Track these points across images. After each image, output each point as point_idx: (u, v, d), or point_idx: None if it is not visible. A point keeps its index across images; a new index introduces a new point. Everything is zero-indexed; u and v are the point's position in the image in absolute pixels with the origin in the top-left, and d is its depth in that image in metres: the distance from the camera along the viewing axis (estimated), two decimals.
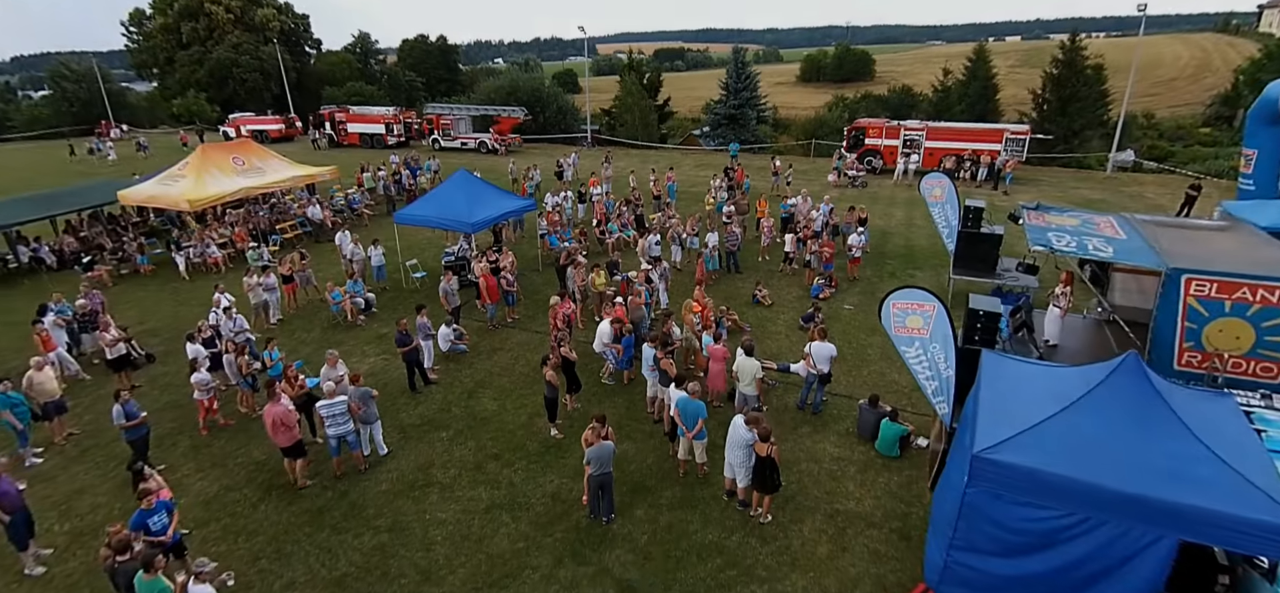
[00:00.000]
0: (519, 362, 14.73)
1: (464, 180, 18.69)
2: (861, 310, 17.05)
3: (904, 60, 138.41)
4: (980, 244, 16.62)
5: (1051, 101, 44.73)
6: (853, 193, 30.01)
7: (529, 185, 29.23)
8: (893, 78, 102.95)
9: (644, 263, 18.20)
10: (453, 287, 15.41)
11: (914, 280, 19.00)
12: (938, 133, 32.43)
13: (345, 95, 71.66)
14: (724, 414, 12.15)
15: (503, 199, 19.10)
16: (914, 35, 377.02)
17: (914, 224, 25.10)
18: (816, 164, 38.48)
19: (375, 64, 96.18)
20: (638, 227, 23.20)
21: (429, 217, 18.27)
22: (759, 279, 18.93)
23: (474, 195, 18.19)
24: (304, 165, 26.62)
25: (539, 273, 20.30)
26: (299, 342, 16.16)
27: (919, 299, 9.99)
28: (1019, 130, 31.05)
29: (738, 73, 53.50)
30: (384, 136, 47.22)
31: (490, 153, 43.54)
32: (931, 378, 9.64)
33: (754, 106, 54.61)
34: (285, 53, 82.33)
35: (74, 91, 71.29)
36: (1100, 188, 30.75)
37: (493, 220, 18.26)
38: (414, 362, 13.30)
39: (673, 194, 26.37)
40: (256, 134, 54.30)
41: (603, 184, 28.74)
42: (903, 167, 31.46)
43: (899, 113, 76.54)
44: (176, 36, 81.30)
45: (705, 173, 35.50)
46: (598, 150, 45.15)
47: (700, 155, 43.87)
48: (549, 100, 53.28)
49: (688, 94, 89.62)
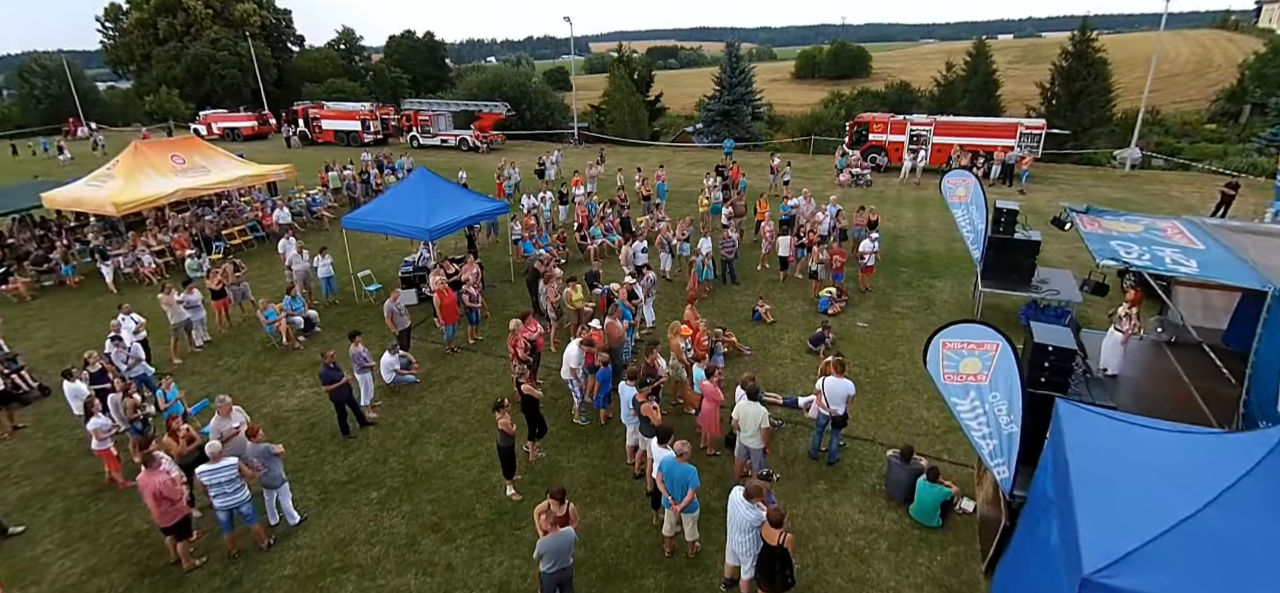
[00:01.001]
0: (477, 395, 12.44)
1: (423, 180, 16.36)
2: (877, 328, 14.82)
3: (899, 57, 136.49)
4: (1013, 251, 14.41)
5: (1061, 96, 42.71)
6: (857, 192, 27.81)
7: (506, 185, 26.92)
8: (889, 74, 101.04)
9: (627, 274, 15.95)
10: (399, 307, 13.06)
11: (933, 291, 16.84)
12: (947, 128, 30.28)
13: (326, 92, 69.20)
14: (720, 467, 9.90)
15: (468, 201, 16.79)
16: (907, 34, 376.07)
17: (927, 227, 22.91)
18: (816, 161, 36.29)
19: (359, 61, 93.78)
20: (623, 231, 20.93)
21: (379, 222, 15.95)
22: (760, 292, 16.70)
23: (434, 197, 15.86)
24: (256, 164, 24.21)
25: (511, 283, 18.00)
26: (222, 371, 13.81)
27: (976, 336, 7.70)
28: (1034, 125, 28.92)
29: (732, 68, 51.32)
30: (360, 134, 44.78)
31: (471, 150, 41.17)
32: (989, 436, 7.42)
33: (749, 102, 52.44)
34: (266, 48, 79.86)
35: (43, 89, 68.44)
36: (1121, 187, 28.66)
37: (454, 226, 15.94)
38: (345, 401, 10.99)
39: (662, 195, 24.10)
40: (228, 131, 51.99)
41: (587, 183, 26.46)
42: (910, 164, 29.27)
43: (898, 109, 74.97)
44: (153, 32, 78.68)
45: (698, 171, 33.25)
46: (585, 149, 42.84)
47: (693, 153, 41.65)
48: (535, 96, 50.86)
49: (680, 91, 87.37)
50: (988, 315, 14.83)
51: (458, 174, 29.10)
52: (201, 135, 53.31)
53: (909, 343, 14.06)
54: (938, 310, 15.70)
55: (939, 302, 16.21)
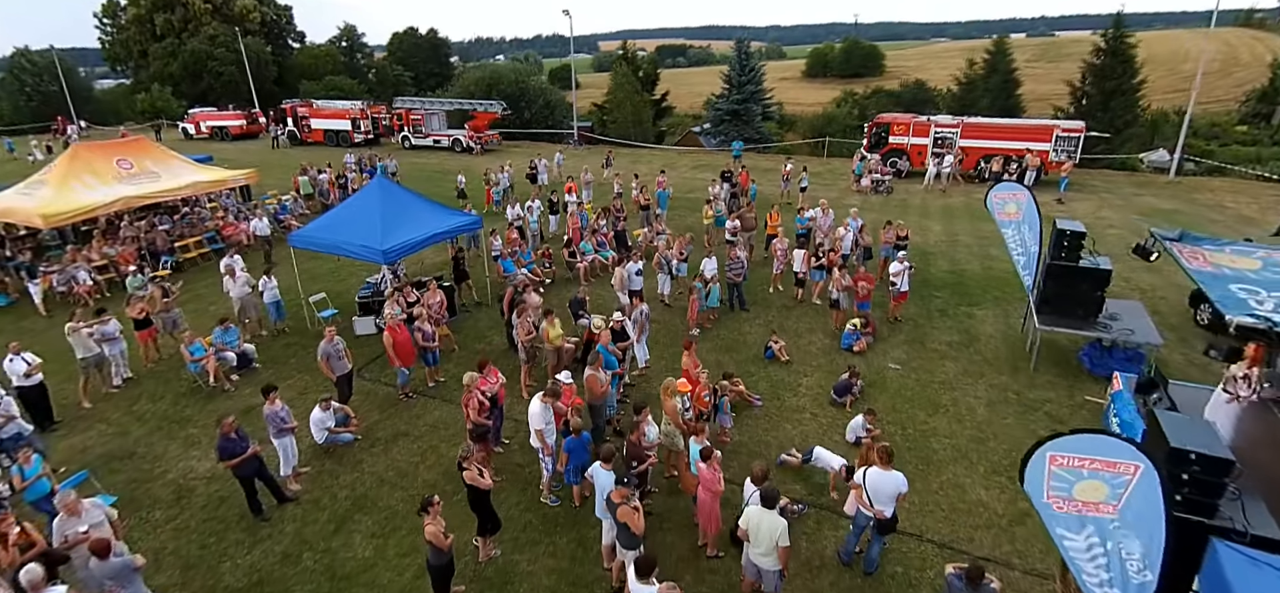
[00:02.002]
0: (428, 458, 10.20)
1: (379, 192, 14.12)
2: (913, 370, 12.49)
3: (912, 56, 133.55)
4: (1078, 281, 12.04)
5: (1092, 95, 40.10)
6: (878, 200, 25.44)
7: (495, 191, 24.69)
8: (903, 72, 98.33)
9: (621, 297, 13.68)
10: (337, 348, 10.81)
11: (973, 322, 14.47)
12: (975, 130, 27.83)
13: (324, 89, 67.38)
14: (724, 575, 7.63)
15: (432, 216, 14.51)
16: (918, 33, 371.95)
17: (958, 241, 20.51)
18: (831, 165, 33.87)
19: (361, 58, 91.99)
20: (618, 246, 18.66)
21: (328, 241, 13.72)
22: (773, 326, 14.38)
23: (392, 212, 13.62)
24: (216, 169, 22.10)
25: (488, 308, 15.75)
26: (133, 421, 11.63)
27: (1104, 452, 5.31)
28: (1072, 127, 26.42)
29: (741, 66, 48.95)
30: (350, 134, 42.68)
31: (465, 151, 38.98)
32: (1108, 584, 5.12)
33: (759, 101, 50.05)
34: (265, 45, 78.18)
35: (34, 86, 66.79)
36: (1168, 196, 26.13)
37: (414, 246, 13.67)
38: (252, 476, 8.77)
39: (664, 204, 21.78)
40: (217, 130, 50.12)
41: (583, 191, 24.22)
42: (934, 169, 26.84)
43: (913, 108, 72.36)
44: (150, 29, 77.16)
45: (704, 176, 30.92)
46: (585, 150, 40.58)
47: (698, 155, 39.29)
48: (534, 94, 48.58)
49: (688, 90, 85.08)
50: (1043, 354, 12.49)
51: (456, 178, 26.85)
52: (190, 134, 51.68)
53: (953, 392, 11.72)
54: (983, 348, 13.34)
55: (983, 337, 13.84)
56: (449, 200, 27.49)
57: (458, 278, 15.66)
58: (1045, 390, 11.75)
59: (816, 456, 9.37)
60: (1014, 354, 13.04)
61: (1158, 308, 14.66)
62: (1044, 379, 12.09)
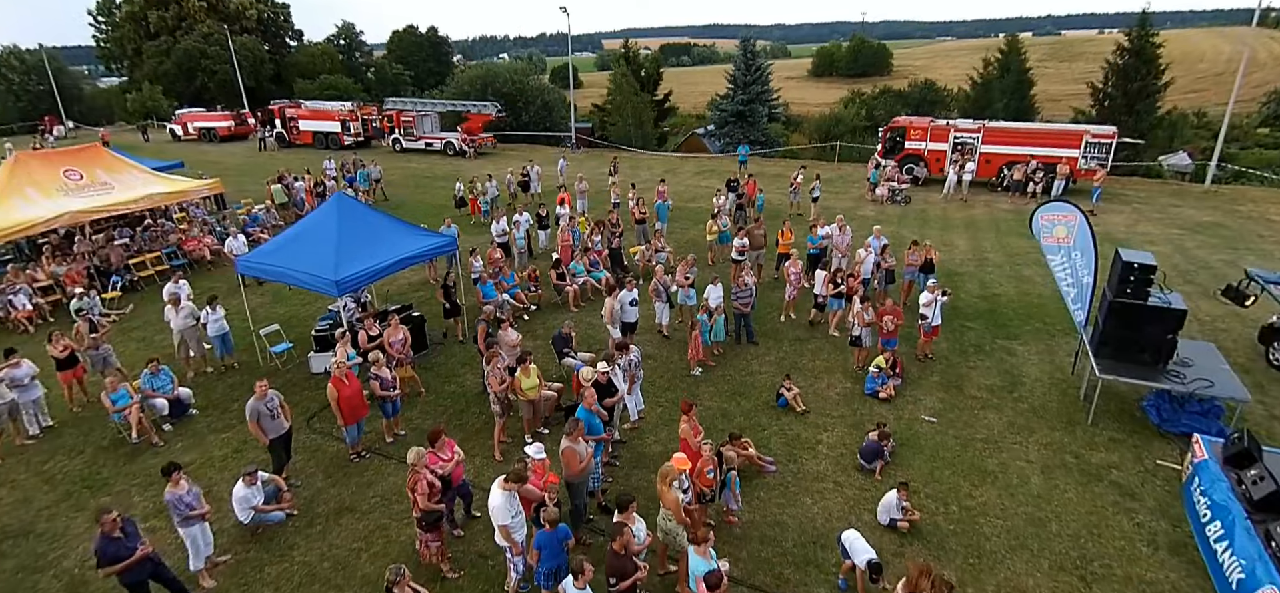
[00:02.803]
0: (373, 542, 8.47)
1: (336, 209, 12.37)
2: (950, 424, 10.73)
3: (918, 55, 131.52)
4: (1146, 322, 10.26)
5: (1115, 97, 38.22)
6: (895, 211, 23.65)
7: (482, 201, 22.97)
8: (910, 72, 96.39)
9: (612, 334, 11.96)
10: (271, 404, 9.09)
11: (1014, 360, 12.71)
12: (997, 135, 25.99)
13: (319, 89, 65.89)
14: None
15: (399, 238, 12.75)
16: (923, 32, 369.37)
17: (986, 259, 18.72)
18: (843, 171, 32.04)
19: (360, 57, 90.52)
20: (613, 266, 16.94)
21: (276, 268, 12.01)
22: (785, 364, 12.64)
23: (350, 234, 11.90)
24: (179, 179, 20.46)
25: (462, 344, 14.00)
26: (40, 483, 9.94)
27: None
28: (1103, 132, 24.57)
29: (747, 65, 47.16)
30: (339, 136, 41.00)
31: (457, 155, 37.26)
32: None
33: (765, 102, 48.25)
34: (261, 43, 76.78)
35: (22, 84, 65.39)
36: (1207, 207, 24.27)
37: (375, 274, 11.96)
38: (148, 580, 7.08)
39: (664, 217, 19.99)
40: (204, 131, 48.53)
41: (578, 200, 22.48)
42: (955, 177, 25.02)
43: (923, 110, 70.40)
44: (144, 27, 75.76)
45: (708, 183, 29.17)
46: (583, 154, 38.84)
47: (702, 161, 37.48)
48: (532, 94, 46.80)
49: (692, 89, 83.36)
50: (1101, 403, 10.73)
51: (454, 186, 25.02)
52: (178, 136, 50.10)
53: (1000, 452, 9.97)
54: (1028, 393, 11.58)
55: (1027, 379, 12.06)
56: (437, 209, 25.88)
57: (450, 311, 13.88)
58: (1108, 451, 9.99)
59: (849, 544, 7.62)
60: (1066, 402, 11.27)
61: (1219, 343, 12.87)
62: (1105, 436, 10.33)
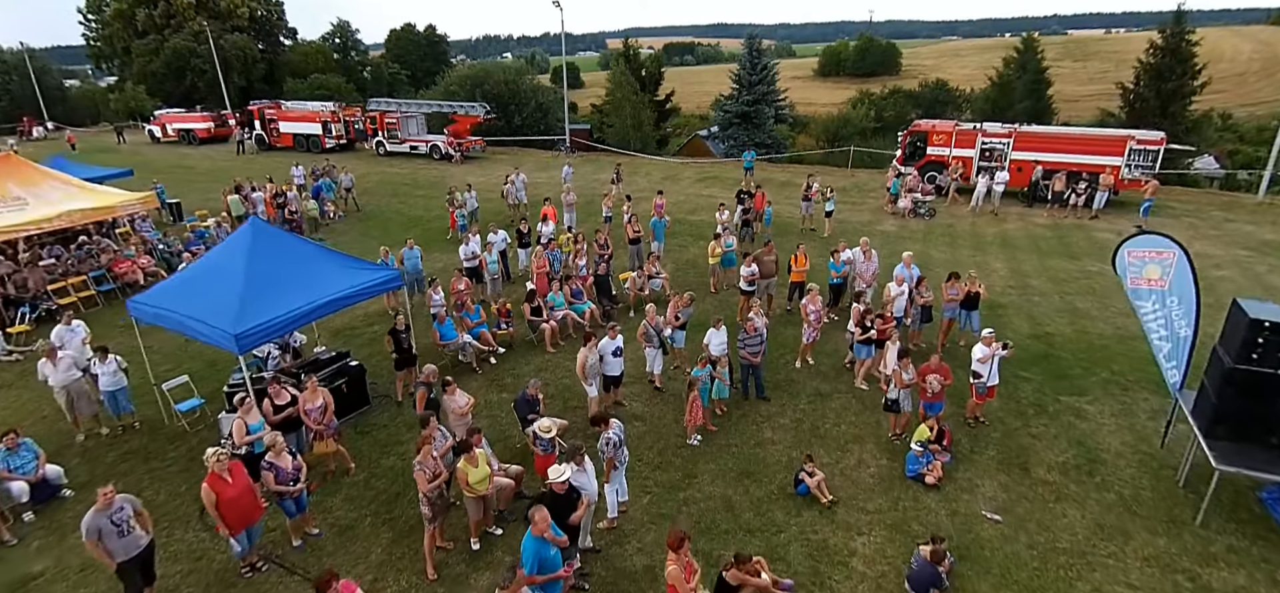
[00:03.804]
0: None
1: (251, 238, 10.01)
2: (1020, 522, 8.31)
3: (926, 55, 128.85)
4: (1274, 396, 7.87)
5: (1148, 98, 35.67)
6: (919, 226, 21.21)
7: (460, 214, 20.61)
8: (920, 71, 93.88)
9: (587, 392, 9.63)
10: (121, 515, 6.73)
11: (1086, 425, 10.32)
12: (1029, 140, 23.54)
13: (309, 88, 63.81)
14: None
15: (329, 274, 10.38)
16: (928, 31, 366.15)
17: (1029, 285, 16.30)
18: (858, 179, 29.57)
19: (355, 56, 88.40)
20: (598, 296, 14.55)
21: (171, 314, 9.64)
22: (804, 433, 10.25)
23: (267, 271, 9.57)
24: (109, 191, 18.17)
25: (401, 407, 11.55)
26: None
27: None
28: (1149, 138, 22.10)
29: (752, 64, 44.74)
30: (321, 138, 38.71)
31: (444, 159, 34.91)
32: None
33: (771, 102, 45.80)
34: (253, 42, 74.75)
35: (2, 85, 63.37)
36: (1267, 223, 21.72)
37: (291, 323, 9.61)
38: None
39: (660, 235, 17.53)
40: (183, 133, 46.36)
41: (567, 215, 20.13)
42: (984, 187, 22.55)
43: (934, 110, 67.86)
44: (133, 25, 73.76)
45: (710, 192, 26.77)
46: (579, 158, 36.46)
47: (704, 166, 35.00)
48: (526, 95, 44.42)
49: (696, 88, 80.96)
50: (1225, 509, 8.31)
51: (461, 195, 21.42)
52: (157, 137, 47.90)
53: (1091, 570, 7.57)
54: (1112, 475, 9.17)
55: (1108, 454, 9.65)
56: (412, 222, 23.56)
57: (400, 362, 11.45)
58: (1230, 569, 7.59)
59: None
60: (1162, 489, 8.87)
61: None
62: (1222, 543, 7.94)
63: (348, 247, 20.62)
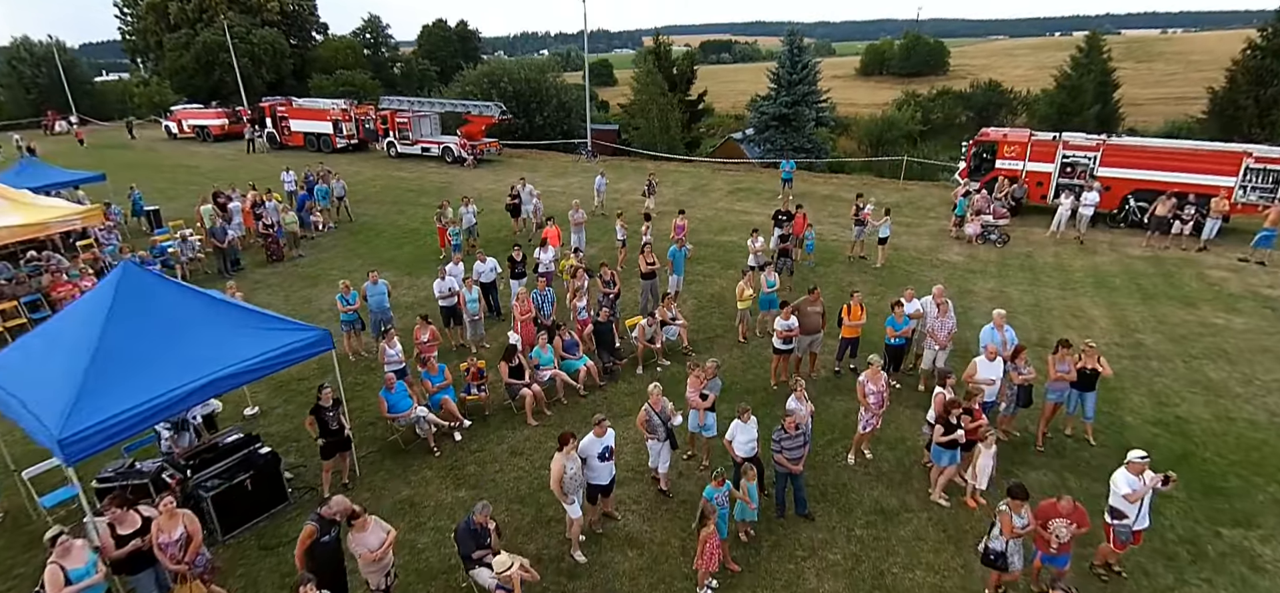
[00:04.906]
0: None
1: (112, 295, 7.43)
2: None
3: (975, 54, 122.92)
4: None
5: (1244, 106, 31.51)
6: (992, 256, 17.93)
7: (453, 232, 17.98)
8: (969, 71, 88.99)
9: (568, 513, 6.88)
10: None
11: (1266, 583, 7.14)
12: (1121, 154, 19.98)
13: (335, 84, 62.47)
14: None
15: (218, 341, 7.75)
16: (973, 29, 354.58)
17: (1141, 345, 12.96)
18: (910, 192, 26.15)
19: (385, 51, 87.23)
20: (598, 348, 11.71)
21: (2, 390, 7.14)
22: (866, 586, 7.32)
23: (124, 339, 7.01)
24: (51, 205, 15.98)
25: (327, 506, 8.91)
26: None
27: None
28: (1272, 156, 18.42)
29: (792, 62, 41.46)
30: (332, 137, 36.67)
31: (456, 162, 32.48)
32: None
33: (812, 103, 42.46)
34: (282, 36, 73.92)
35: (32, 77, 63.27)
36: None
37: (154, 414, 7.01)
38: None
39: (679, 267, 14.51)
40: (198, 129, 44.98)
41: (574, 236, 17.38)
42: (1067, 208, 19.11)
43: (987, 113, 63.35)
44: (165, 18, 73.63)
45: (743, 207, 23.73)
46: (600, 163, 33.70)
47: (737, 174, 31.77)
48: (547, 94, 41.78)
49: (730, 87, 77.64)
50: None
51: (455, 210, 18.96)
52: (174, 133, 46.66)
53: None
54: None
55: None
56: (408, 234, 21.10)
57: (327, 449, 8.69)
58: None
59: None
60: None
61: None
62: None
63: (327, 265, 18.24)
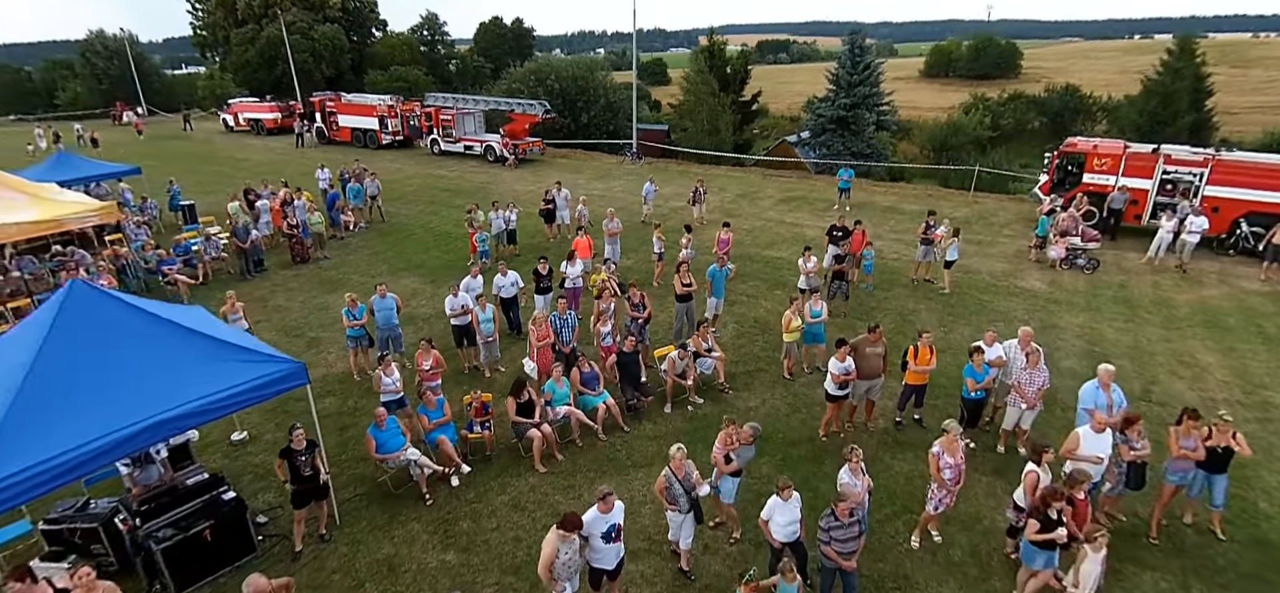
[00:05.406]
0: None
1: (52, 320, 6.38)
2: None
3: (1048, 56, 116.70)
4: None
5: None
6: (1079, 284, 15.79)
7: (480, 238, 16.86)
8: (1042, 74, 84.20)
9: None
10: None
11: None
12: (1234, 171, 17.47)
13: (389, 80, 63.11)
14: None
15: (173, 369, 6.62)
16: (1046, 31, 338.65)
17: (1272, 409, 10.81)
18: (981, 205, 23.86)
19: (442, 48, 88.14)
20: (622, 381, 10.31)
21: None
22: None
23: (59, 372, 5.98)
24: (69, 200, 15.51)
25: (298, 561, 7.75)
26: None
27: None
28: None
29: (853, 63, 39.15)
30: (377, 133, 36.38)
31: (497, 161, 31.59)
32: None
33: (872, 106, 40.11)
34: (341, 32, 75.28)
35: (104, 69, 65.82)
36: None
37: (73, 471, 5.90)
38: None
39: (719, 289, 12.92)
40: (252, 122, 45.75)
41: (608, 248, 16.05)
42: (1168, 231, 16.77)
43: (1064, 120, 59.23)
44: (234, 14, 75.91)
45: (795, 216, 21.96)
46: (646, 166, 32.35)
47: (790, 181, 29.77)
48: (595, 93, 40.57)
49: (786, 88, 75.37)
50: None
51: (484, 214, 17.94)
52: (230, 126, 47.64)
53: None
54: None
55: None
56: (441, 238, 20.10)
57: (300, 497, 7.39)
58: None
59: None
60: None
61: None
62: None
63: (350, 269, 17.35)
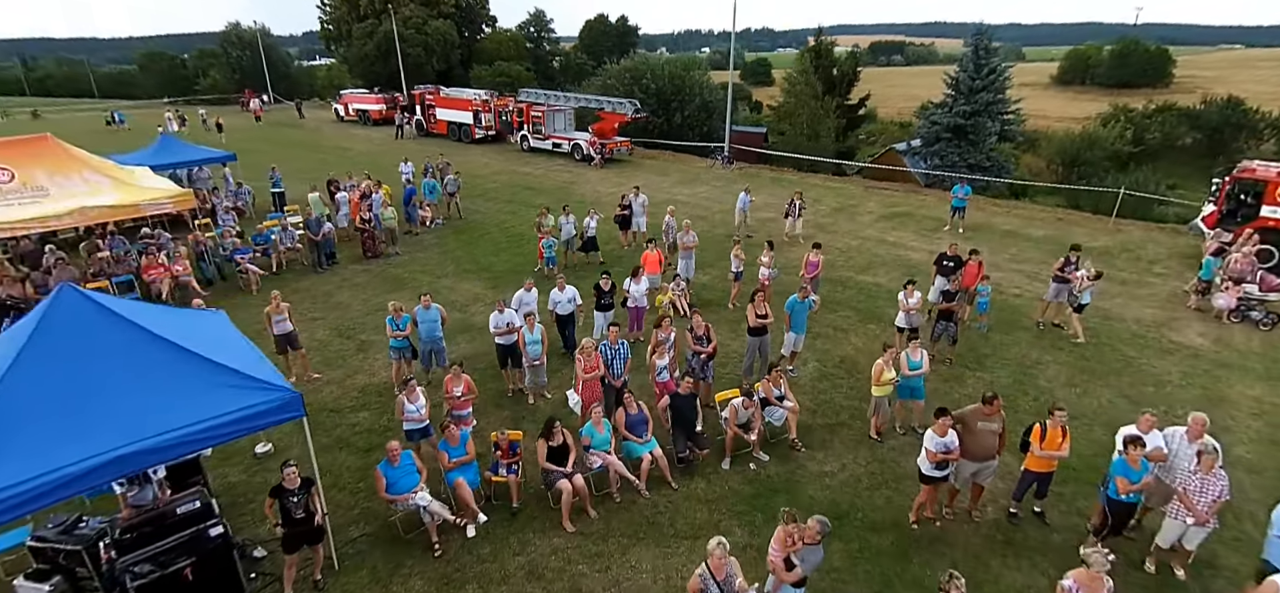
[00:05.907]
0: None
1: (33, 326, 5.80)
2: None
3: (1203, 64, 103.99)
4: None
5: None
6: (1253, 343, 12.88)
7: (547, 245, 15.87)
8: (1195, 84, 75.01)
9: None
10: None
11: None
12: None
13: (493, 75, 64.53)
14: None
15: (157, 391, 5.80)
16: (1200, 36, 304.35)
17: None
18: (1125, 235, 20.45)
19: (547, 45, 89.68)
20: (674, 429, 8.88)
21: None
22: None
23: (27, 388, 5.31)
24: (145, 186, 15.69)
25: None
26: None
27: None
28: None
29: (976, 66, 35.62)
30: (471, 128, 36.61)
31: (584, 160, 30.82)
32: None
33: (996, 114, 36.41)
34: (452, 28, 77.91)
35: (239, 58, 70.96)
36: None
37: (34, 500, 5.19)
38: None
39: (800, 323, 10.98)
40: (360, 113, 47.83)
41: (682, 262, 14.57)
42: None
43: (1222, 137, 52.13)
44: (356, 9, 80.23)
45: (897, 235, 19.61)
46: (736, 171, 30.60)
47: (894, 195, 26.60)
48: (690, 92, 39.16)
49: (897, 91, 70.90)
50: None
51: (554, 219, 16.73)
52: (341, 115, 50.06)
53: None
54: None
55: None
56: (516, 239, 19.32)
57: (291, 541, 6.60)
58: None
59: None
60: None
61: None
62: None
63: (418, 268, 16.82)
